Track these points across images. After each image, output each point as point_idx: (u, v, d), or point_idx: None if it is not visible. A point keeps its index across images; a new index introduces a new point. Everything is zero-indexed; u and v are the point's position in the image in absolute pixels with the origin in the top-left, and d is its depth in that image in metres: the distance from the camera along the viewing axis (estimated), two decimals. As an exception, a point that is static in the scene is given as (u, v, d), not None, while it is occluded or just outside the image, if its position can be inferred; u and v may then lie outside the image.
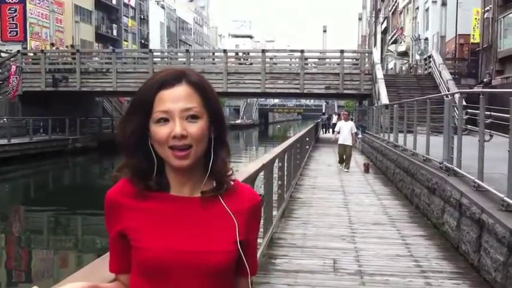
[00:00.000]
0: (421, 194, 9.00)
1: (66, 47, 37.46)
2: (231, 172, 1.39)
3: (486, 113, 6.40)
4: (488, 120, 6.41)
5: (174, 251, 1.28)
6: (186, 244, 1.29)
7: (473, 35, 29.13)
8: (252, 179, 4.69)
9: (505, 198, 5.25)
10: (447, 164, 8.07)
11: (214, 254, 1.29)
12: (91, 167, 28.58)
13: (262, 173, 5.80)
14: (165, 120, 1.28)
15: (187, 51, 32.63)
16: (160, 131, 1.28)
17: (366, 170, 14.71)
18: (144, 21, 67.19)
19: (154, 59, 30.55)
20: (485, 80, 24.88)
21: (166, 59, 32.95)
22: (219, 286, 1.32)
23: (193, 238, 1.30)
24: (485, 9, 26.73)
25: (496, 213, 5.17)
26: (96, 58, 34.37)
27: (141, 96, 1.32)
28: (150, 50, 32.12)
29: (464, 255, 6.08)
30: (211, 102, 1.33)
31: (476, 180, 6.41)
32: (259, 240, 6.39)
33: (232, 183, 1.39)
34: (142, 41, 63.87)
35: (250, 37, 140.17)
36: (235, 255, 1.32)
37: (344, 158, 15.17)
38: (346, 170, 14.95)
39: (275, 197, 7.65)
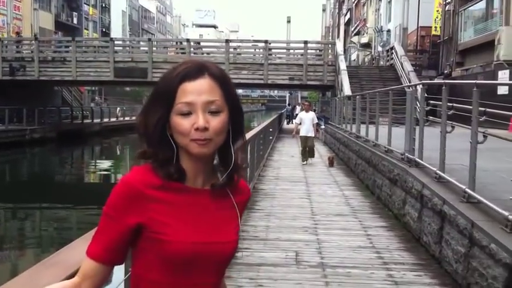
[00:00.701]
0: (382, 185, 9.02)
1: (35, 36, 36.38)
2: (244, 166, 1.45)
3: (448, 104, 6.42)
4: (450, 112, 6.43)
5: (201, 243, 1.32)
6: (208, 236, 1.33)
7: (435, 27, 29.53)
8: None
9: (467, 190, 5.26)
10: (409, 155, 8.08)
11: (229, 244, 1.37)
12: (49, 158, 27.89)
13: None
14: (188, 113, 1.29)
15: (149, 40, 32.13)
16: (183, 123, 1.29)
17: (331, 164, 14.28)
18: (105, 9, 65.87)
19: (116, 48, 29.98)
20: (445, 71, 25.28)
21: (128, 48, 32.34)
22: (223, 273, 1.43)
23: (212, 230, 1.35)
24: (447, 1, 27.10)
25: (458, 205, 5.18)
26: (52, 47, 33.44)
27: (164, 88, 1.33)
28: (111, 39, 31.53)
29: (425, 247, 6.10)
30: (232, 96, 1.35)
31: (438, 172, 6.43)
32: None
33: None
34: (104, 30, 62.64)
35: (215, 27, 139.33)
36: (238, 244, 1.41)
37: (307, 150, 14.63)
38: (309, 162, 14.59)
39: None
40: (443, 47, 27.55)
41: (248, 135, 9.47)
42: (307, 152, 14.62)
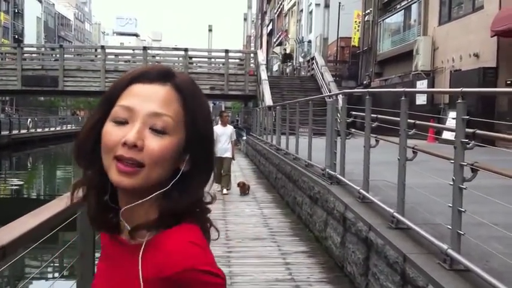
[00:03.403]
0: (303, 203, 8.31)
1: None
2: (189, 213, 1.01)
3: (372, 115, 5.77)
4: (374, 124, 5.78)
5: None
6: None
7: (355, 37, 29.66)
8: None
9: (395, 214, 4.57)
10: (330, 171, 7.42)
11: None
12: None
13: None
14: (124, 122, 0.97)
15: (61, 46, 30.38)
16: (111, 132, 0.97)
17: (242, 191, 11.03)
18: (18, 15, 62.66)
19: (25, 55, 28.10)
20: (364, 82, 25.32)
21: (37, 55, 30.42)
22: None
23: None
24: (366, 11, 27.24)
25: (385, 232, 4.48)
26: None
27: (111, 89, 1.03)
28: (19, 45, 29.53)
29: (349, 277, 5.39)
30: (197, 119, 1.01)
31: (362, 191, 5.76)
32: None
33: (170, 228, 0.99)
34: (16, 37, 59.42)
35: (136, 35, 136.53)
36: None
37: (222, 175, 10.97)
38: (225, 191, 10.95)
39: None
40: (363, 57, 27.65)
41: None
42: (223, 178, 11.07)
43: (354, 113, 7.98)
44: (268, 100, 21.47)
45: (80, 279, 3.43)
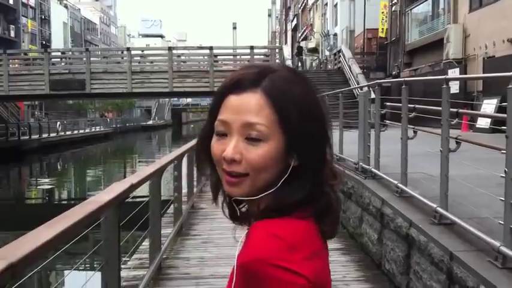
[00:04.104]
0: (336, 198, 8.03)
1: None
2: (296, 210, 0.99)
3: (409, 105, 5.45)
4: (412, 115, 5.47)
5: None
6: None
7: (382, 28, 29.15)
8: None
9: (438, 209, 4.28)
10: (364, 165, 7.15)
11: None
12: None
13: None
14: (223, 134, 1.01)
15: (87, 50, 30.53)
16: (214, 146, 1.02)
17: None
18: (45, 21, 63.54)
19: (52, 60, 28.33)
20: (393, 72, 24.82)
21: (64, 59, 30.66)
22: None
23: None
24: (393, 2, 26.69)
25: (428, 228, 4.19)
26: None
27: (213, 98, 1.07)
28: (46, 50, 29.74)
29: (388, 275, 5.10)
30: (291, 118, 0.98)
31: (400, 185, 5.46)
32: (141, 272, 5.12)
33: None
34: (44, 43, 60.19)
35: (161, 36, 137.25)
36: None
37: None
38: None
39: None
40: (391, 48, 27.12)
41: (190, 144, 8.40)
42: None
43: (388, 103, 7.72)
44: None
45: (105, 288, 3.24)
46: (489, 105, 13.31)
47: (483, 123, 11.29)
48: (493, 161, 5.03)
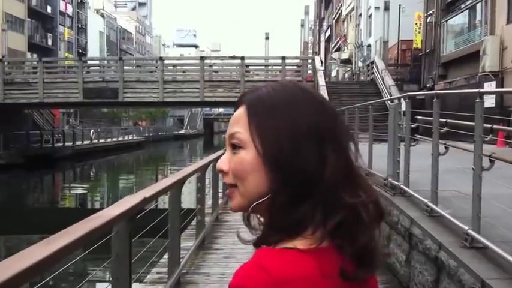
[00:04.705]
0: (364, 215, 7.77)
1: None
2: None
3: (441, 120, 5.20)
4: (444, 129, 5.22)
5: None
6: None
7: (417, 39, 28.70)
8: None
9: (469, 232, 4.02)
10: (393, 181, 6.89)
11: None
12: (15, 184, 26.29)
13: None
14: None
15: (120, 59, 30.86)
16: None
17: None
18: (82, 30, 64.75)
19: (87, 68, 28.76)
20: (428, 85, 24.37)
21: (98, 67, 31.06)
22: None
23: None
24: (428, 13, 26.27)
25: (459, 252, 3.93)
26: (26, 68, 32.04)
27: None
28: (80, 59, 30.22)
29: (417, 299, 4.84)
30: (260, 125, 0.95)
31: (430, 204, 5.20)
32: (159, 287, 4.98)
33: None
34: (80, 51, 61.31)
35: (196, 46, 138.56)
36: None
37: None
38: None
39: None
40: (426, 59, 26.65)
41: (214, 155, 8.27)
42: None
43: (419, 117, 7.46)
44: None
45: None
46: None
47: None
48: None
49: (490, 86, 16.56)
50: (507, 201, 4.45)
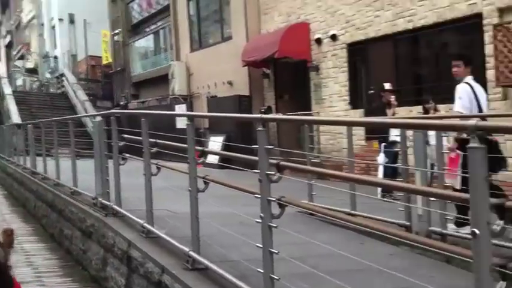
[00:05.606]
0: (73, 236, 7.60)
1: None
2: None
3: (151, 140, 5.43)
4: (154, 149, 5.42)
5: None
6: None
7: (106, 56, 29.00)
8: None
9: (191, 253, 4.31)
10: (103, 201, 6.85)
11: None
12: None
13: None
14: None
15: None
16: None
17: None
18: None
19: None
20: (121, 103, 24.75)
21: None
22: None
23: None
24: (114, 32, 26.57)
25: (182, 274, 4.15)
26: None
27: None
28: None
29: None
30: None
31: (146, 225, 5.40)
32: None
33: None
34: None
35: None
36: None
37: None
38: None
39: None
40: (117, 77, 27.04)
41: None
42: None
43: (126, 135, 7.38)
44: (15, 117, 19.79)
45: None
46: (215, 142, 14.24)
47: (212, 159, 12.04)
48: (231, 198, 5.34)
49: (180, 108, 17.75)
50: (220, 220, 4.92)
